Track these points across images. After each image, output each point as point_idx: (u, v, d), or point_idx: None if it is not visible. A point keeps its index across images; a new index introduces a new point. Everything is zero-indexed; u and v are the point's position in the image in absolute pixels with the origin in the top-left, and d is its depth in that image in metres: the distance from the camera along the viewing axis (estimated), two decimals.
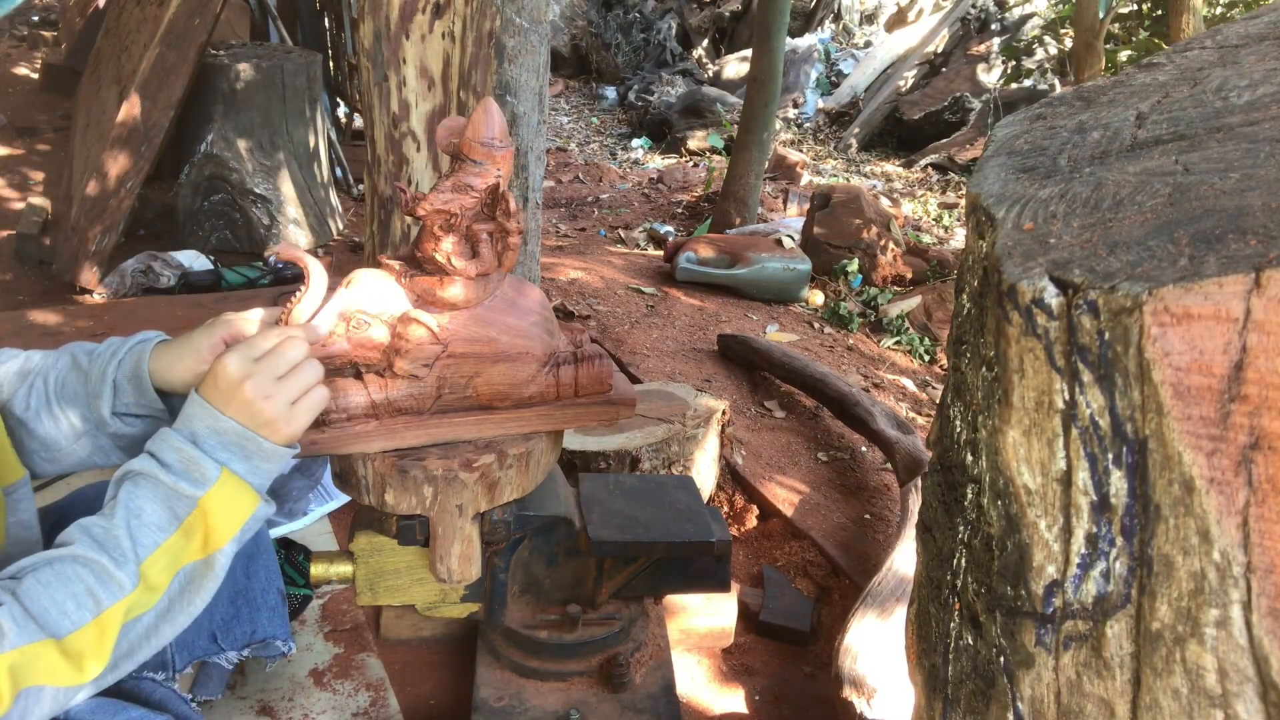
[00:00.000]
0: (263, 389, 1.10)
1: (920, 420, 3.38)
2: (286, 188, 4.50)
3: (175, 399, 1.29)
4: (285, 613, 1.63)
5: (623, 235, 5.79)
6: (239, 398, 1.09)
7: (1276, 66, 0.96)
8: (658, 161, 8.23)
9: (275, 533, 2.24)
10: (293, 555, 1.75)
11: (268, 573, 1.58)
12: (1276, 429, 0.63)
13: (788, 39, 7.67)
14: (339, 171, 5.43)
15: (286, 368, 1.12)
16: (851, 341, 4.17)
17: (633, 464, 2.40)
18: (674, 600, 2.07)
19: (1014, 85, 8.64)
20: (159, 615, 1.04)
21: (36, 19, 9.15)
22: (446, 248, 1.23)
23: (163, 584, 1.03)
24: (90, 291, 3.81)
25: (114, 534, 1.01)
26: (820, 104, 9.74)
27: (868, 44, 11.03)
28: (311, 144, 4.68)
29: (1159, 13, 7.92)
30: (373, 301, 1.25)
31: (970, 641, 0.88)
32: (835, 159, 8.47)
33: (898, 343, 4.25)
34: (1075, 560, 0.75)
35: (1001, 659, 0.83)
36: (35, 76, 7.35)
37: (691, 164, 8.01)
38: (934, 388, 3.83)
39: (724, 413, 2.69)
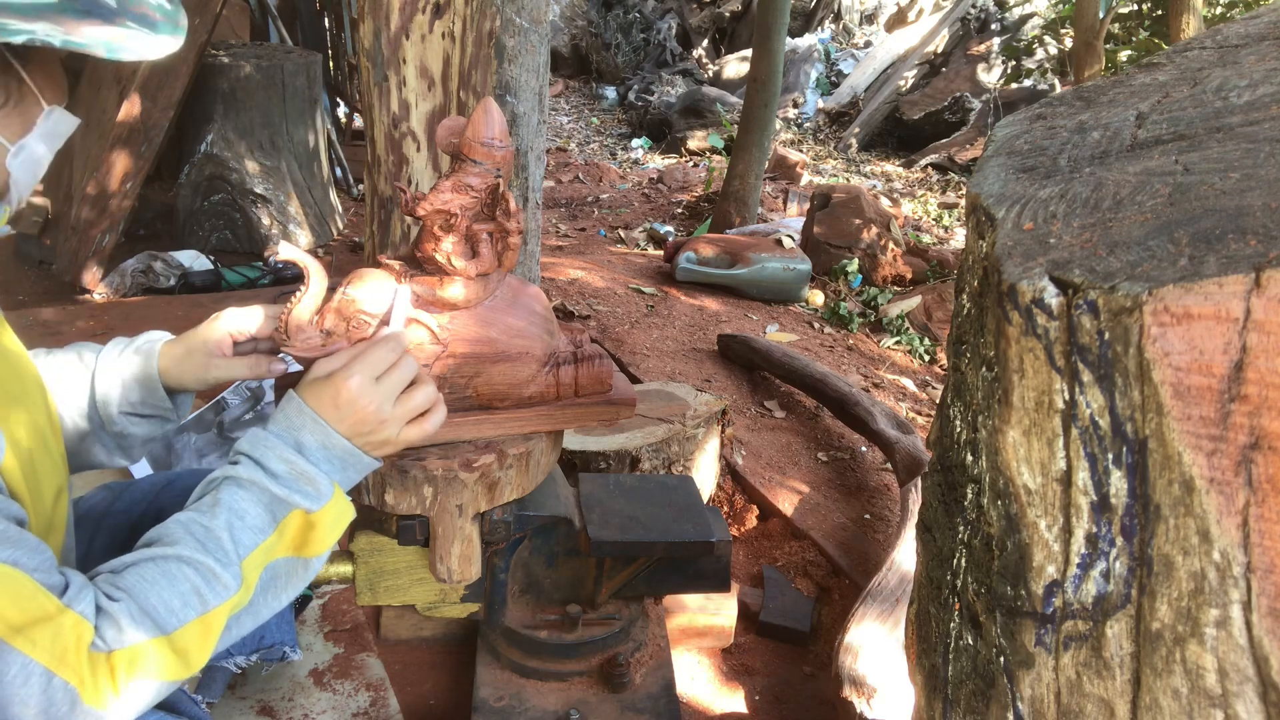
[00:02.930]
0: (382, 412, 1.11)
1: (920, 420, 3.37)
2: (286, 188, 4.50)
3: (180, 397, 1.29)
4: (293, 619, 1.64)
5: (623, 235, 5.79)
6: (355, 416, 1.10)
7: (1276, 66, 0.95)
8: (658, 161, 8.23)
9: None
10: None
11: None
12: (1276, 429, 0.63)
13: (788, 39, 7.66)
14: (339, 171, 5.43)
15: (402, 388, 1.14)
16: (851, 341, 4.17)
17: (633, 464, 2.40)
18: (674, 600, 2.07)
19: (1014, 85, 8.64)
20: (243, 609, 1.05)
21: None
22: (446, 248, 1.23)
23: (254, 580, 1.05)
24: (91, 291, 3.81)
25: (216, 535, 1.01)
26: (820, 104, 9.74)
27: (868, 44, 11.03)
28: (311, 144, 4.68)
29: (1159, 13, 7.92)
30: (373, 301, 1.25)
31: (970, 641, 0.88)
32: (835, 159, 8.48)
33: (898, 343, 4.25)
34: (1075, 560, 0.75)
35: (1001, 659, 0.83)
36: None
37: (691, 164, 8.01)
38: (934, 388, 3.83)
39: (724, 413, 2.69)
